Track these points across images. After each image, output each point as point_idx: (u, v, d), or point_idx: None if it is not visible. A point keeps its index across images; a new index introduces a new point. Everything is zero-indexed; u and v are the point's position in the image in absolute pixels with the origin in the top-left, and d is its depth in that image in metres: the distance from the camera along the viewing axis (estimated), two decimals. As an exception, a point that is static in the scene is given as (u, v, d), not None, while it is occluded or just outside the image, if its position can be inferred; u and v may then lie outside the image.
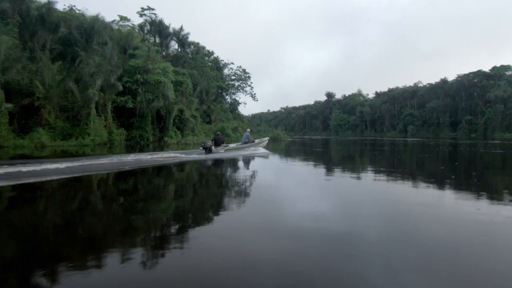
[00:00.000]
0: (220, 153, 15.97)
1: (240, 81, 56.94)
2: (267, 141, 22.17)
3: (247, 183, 8.17)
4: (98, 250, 3.67)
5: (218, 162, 13.36)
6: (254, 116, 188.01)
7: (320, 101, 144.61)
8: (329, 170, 11.50)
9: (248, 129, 20.56)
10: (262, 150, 18.34)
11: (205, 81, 39.94)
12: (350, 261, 3.32)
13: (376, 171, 10.90)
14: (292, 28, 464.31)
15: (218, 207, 5.84)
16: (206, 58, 48.34)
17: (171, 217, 5.25)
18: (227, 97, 57.88)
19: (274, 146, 26.01)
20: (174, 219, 5.09)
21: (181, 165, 12.21)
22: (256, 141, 19.93)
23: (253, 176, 9.53)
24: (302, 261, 3.30)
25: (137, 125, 27.53)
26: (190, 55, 43.03)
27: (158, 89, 28.14)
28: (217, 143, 16.75)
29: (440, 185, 8.07)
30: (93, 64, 23.04)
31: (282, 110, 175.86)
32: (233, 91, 57.71)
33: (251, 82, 58.78)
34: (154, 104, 27.30)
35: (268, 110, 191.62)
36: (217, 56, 50.22)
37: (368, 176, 9.84)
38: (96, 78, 22.66)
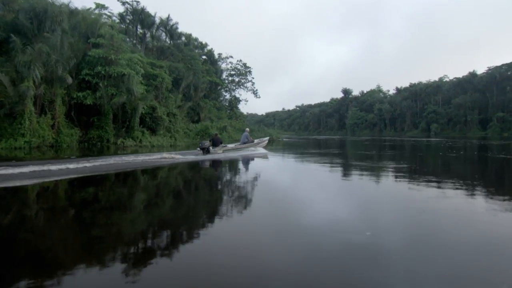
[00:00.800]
0: (218, 153, 15.55)
1: (240, 76, 52.54)
2: (267, 141, 21.13)
3: (250, 186, 7.84)
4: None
5: (216, 163, 13.04)
6: (268, 115, 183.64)
7: (336, 99, 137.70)
8: (343, 171, 10.92)
9: (247, 129, 19.73)
10: (261, 151, 17.84)
11: (191, 75, 35.82)
12: (371, 268, 3.10)
13: (397, 176, 9.75)
14: (308, 21, 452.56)
15: (221, 212, 5.34)
16: (199, 51, 44.28)
17: (167, 223, 4.85)
18: (225, 93, 53.77)
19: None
20: (171, 225, 4.72)
21: (177, 167, 11.72)
22: (256, 141, 19.22)
23: (255, 178, 9.21)
24: (318, 268, 3.11)
25: (97, 124, 23.73)
26: (181, 47, 39.09)
27: (123, 83, 24.28)
28: (215, 143, 16.22)
29: (469, 190, 7.19)
30: (30, 52, 19.31)
31: (297, 108, 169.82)
32: (233, 87, 53.49)
33: (253, 77, 54.32)
34: (115, 100, 23.41)
35: (283, 109, 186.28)
36: (212, 49, 46.02)
37: (387, 180, 9.10)
38: (32, 69, 18.92)
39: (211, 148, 15.35)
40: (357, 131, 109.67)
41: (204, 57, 44.90)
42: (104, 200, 6.41)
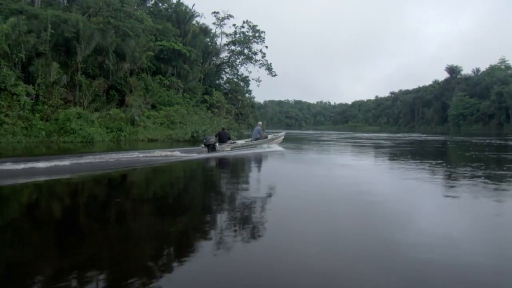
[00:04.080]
0: (225, 151, 13.93)
1: (243, 45, 36.60)
2: (283, 137, 18.10)
3: (274, 191, 7.01)
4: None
5: (223, 163, 12.19)
6: (353, 105, 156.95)
7: (440, 81, 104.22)
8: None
9: (260, 123, 18.45)
10: (276, 148, 15.99)
11: (110, 35, 22.57)
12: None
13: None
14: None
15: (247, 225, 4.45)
16: (164, 6, 30.54)
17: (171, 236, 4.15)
18: (227, 69, 38.84)
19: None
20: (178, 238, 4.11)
21: (178, 166, 10.86)
22: (270, 136, 16.89)
23: (278, 181, 8.27)
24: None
25: None
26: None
27: None
28: (222, 139, 14.44)
29: None
30: None
31: (391, 95, 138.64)
32: (236, 60, 38.13)
33: (266, 46, 37.48)
34: None
35: (377, 97, 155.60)
36: (182, 1, 31.27)
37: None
38: None
39: (217, 144, 13.64)
40: (463, 125, 78.72)
41: (166, 11, 30.77)
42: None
